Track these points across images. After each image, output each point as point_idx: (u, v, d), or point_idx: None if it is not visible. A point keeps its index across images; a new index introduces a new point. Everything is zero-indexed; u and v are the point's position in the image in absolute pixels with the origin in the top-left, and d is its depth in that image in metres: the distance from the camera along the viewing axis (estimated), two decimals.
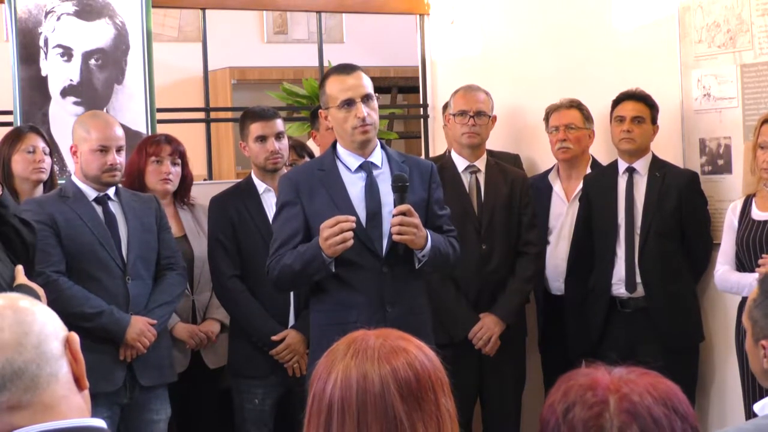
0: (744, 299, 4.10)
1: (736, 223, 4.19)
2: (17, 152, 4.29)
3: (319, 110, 3.73)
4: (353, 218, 3.48)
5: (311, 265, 3.51)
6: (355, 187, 3.62)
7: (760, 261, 3.95)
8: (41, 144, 4.32)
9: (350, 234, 3.44)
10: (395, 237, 3.52)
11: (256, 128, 4.34)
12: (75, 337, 1.70)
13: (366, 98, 3.58)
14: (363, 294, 3.56)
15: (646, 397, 1.49)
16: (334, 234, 3.43)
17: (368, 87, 3.61)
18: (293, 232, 3.60)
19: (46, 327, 1.67)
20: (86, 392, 1.72)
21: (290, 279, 3.62)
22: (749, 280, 3.98)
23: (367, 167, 3.64)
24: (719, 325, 4.49)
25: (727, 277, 4.18)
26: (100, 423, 1.70)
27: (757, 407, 2.33)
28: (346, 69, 3.64)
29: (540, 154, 5.13)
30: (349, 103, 3.56)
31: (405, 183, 3.54)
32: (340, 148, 3.67)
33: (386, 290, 3.57)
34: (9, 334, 1.63)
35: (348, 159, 3.64)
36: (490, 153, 4.72)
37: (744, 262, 4.12)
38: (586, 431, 1.47)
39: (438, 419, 1.69)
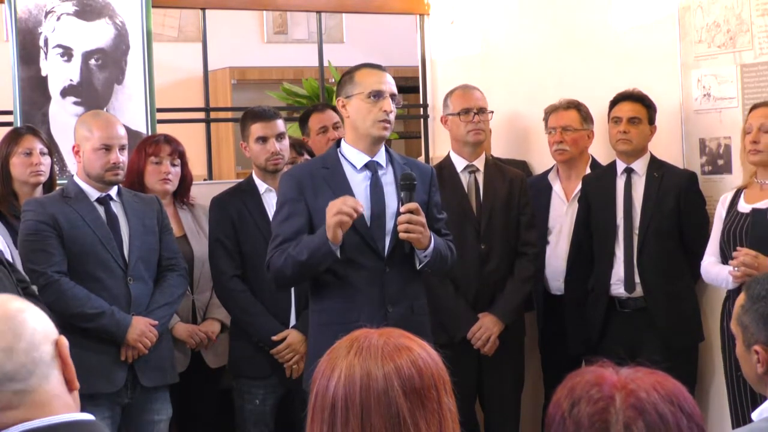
0: (728, 293, 4.09)
1: (723, 215, 4.16)
2: (15, 155, 4.28)
3: (337, 98, 3.68)
4: (362, 206, 3.47)
5: (318, 252, 3.47)
6: (359, 186, 3.62)
7: (734, 253, 3.92)
8: (38, 146, 4.30)
9: (351, 212, 3.40)
10: (402, 235, 3.52)
11: (257, 129, 4.34)
12: (64, 341, 1.74)
13: (393, 96, 3.62)
14: (365, 293, 3.56)
15: (652, 393, 1.49)
16: (339, 210, 3.39)
17: (395, 89, 3.65)
18: (298, 229, 3.58)
19: (36, 333, 1.70)
20: (76, 393, 1.75)
21: (294, 270, 3.54)
22: (725, 273, 3.97)
23: (372, 166, 3.64)
24: (719, 325, 4.48)
25: (709, 269, 4.15)
26: (88, 416, 1.74)
27: (754, 415, 2.33)
28: (381, 67, 3.69)
29: (539, 155, 5.13)
30: (378, 95, 3.58)
31: (413, 181, 3.55)
32: (345, 146, 3.67)
33: (388, 290, 3.57)
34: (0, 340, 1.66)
35: (354, 156, 3.64)
36: (498, 160, 4.74)
37: (726, 254, 4.08)
38: (591, 426, 1.47)
39: (440, 417, 1.69)
